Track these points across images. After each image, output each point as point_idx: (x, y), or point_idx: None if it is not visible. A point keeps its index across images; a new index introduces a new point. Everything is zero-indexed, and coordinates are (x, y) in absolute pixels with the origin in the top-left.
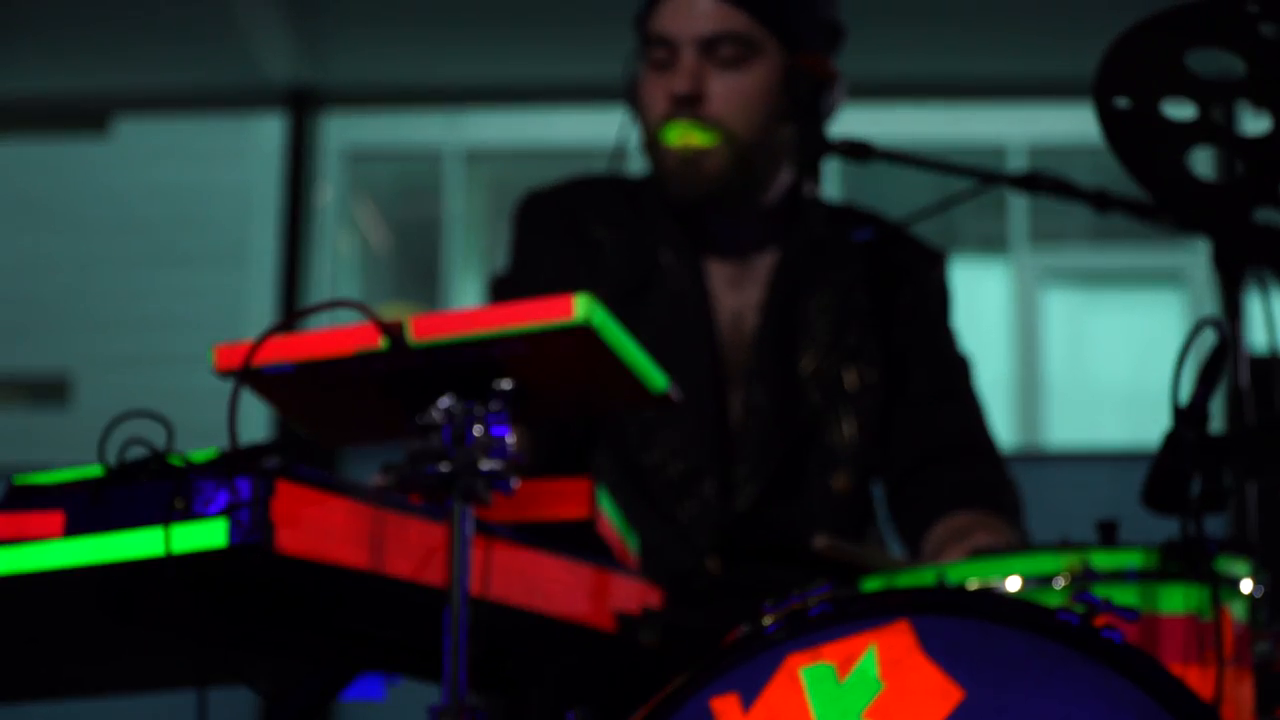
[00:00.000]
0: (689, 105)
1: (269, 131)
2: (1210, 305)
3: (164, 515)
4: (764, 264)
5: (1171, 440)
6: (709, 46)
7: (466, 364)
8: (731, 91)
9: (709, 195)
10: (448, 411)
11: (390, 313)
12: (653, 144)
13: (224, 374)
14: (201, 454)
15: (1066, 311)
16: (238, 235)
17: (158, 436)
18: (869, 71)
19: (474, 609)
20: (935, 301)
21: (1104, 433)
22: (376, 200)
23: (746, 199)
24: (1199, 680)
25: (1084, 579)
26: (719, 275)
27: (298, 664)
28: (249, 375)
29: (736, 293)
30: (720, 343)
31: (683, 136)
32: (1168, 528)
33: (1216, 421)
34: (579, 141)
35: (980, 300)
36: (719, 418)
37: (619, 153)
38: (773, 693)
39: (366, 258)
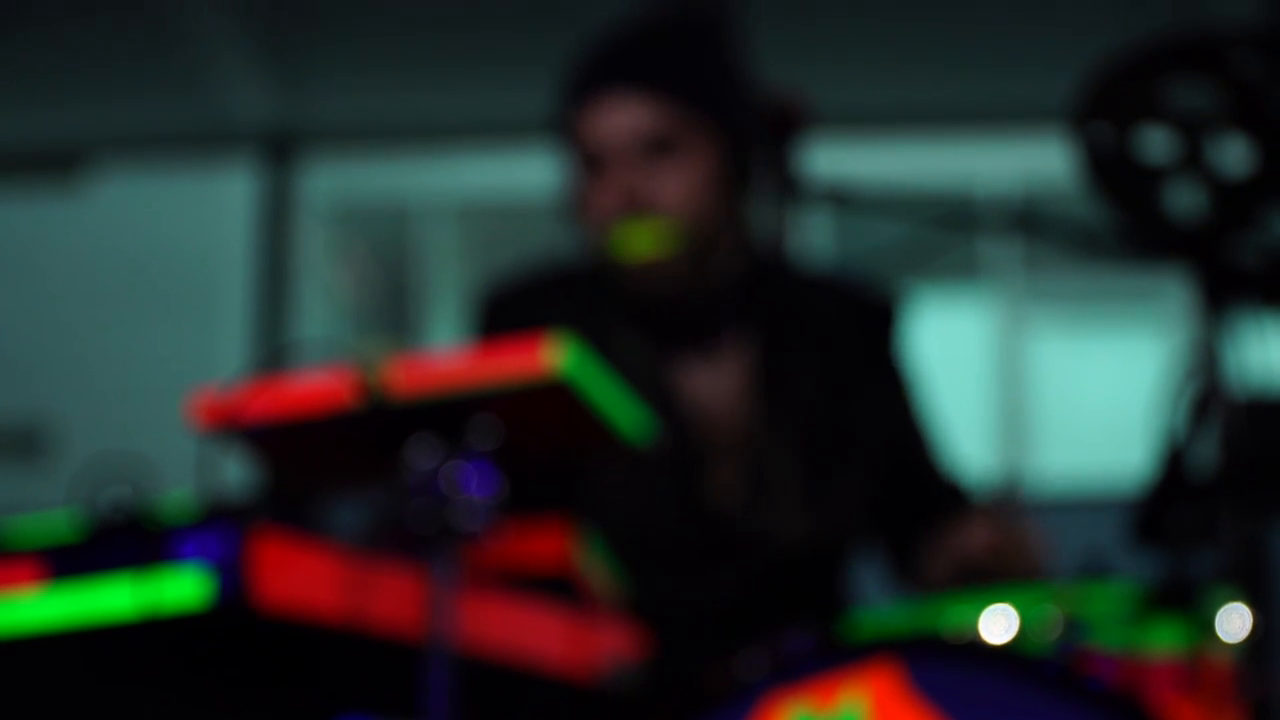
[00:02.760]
0: (633, 208)
1: (243, 177)
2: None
3: (143, 574)
4: (734, 341)
5: (1158, 475)
6: (643, 146)
7: (444, 410)
8: (675, 184)
9: (669, 298)
10: (424, 457)
11: (365, 353)
12: (603, 252)
13: (206, 430)
14: (177, 498)
15: (1055, 339)
16: (210, 280)
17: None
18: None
19: (454, 661)
20: (894, 352)
21: (1093, 464)
22: (357, 247)
23: (708, 287)
24: (1189, 718)
25: (1072, 619)
26: (685, 359)
27: (278, 710)
28: (229, 431)
29: (709, 373)
30: (691, 428)
31: (633, 245)
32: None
33: (1204, 458)
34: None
35: (959, 329)
36: (693, 500)
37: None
38: None
39: (345, 301)
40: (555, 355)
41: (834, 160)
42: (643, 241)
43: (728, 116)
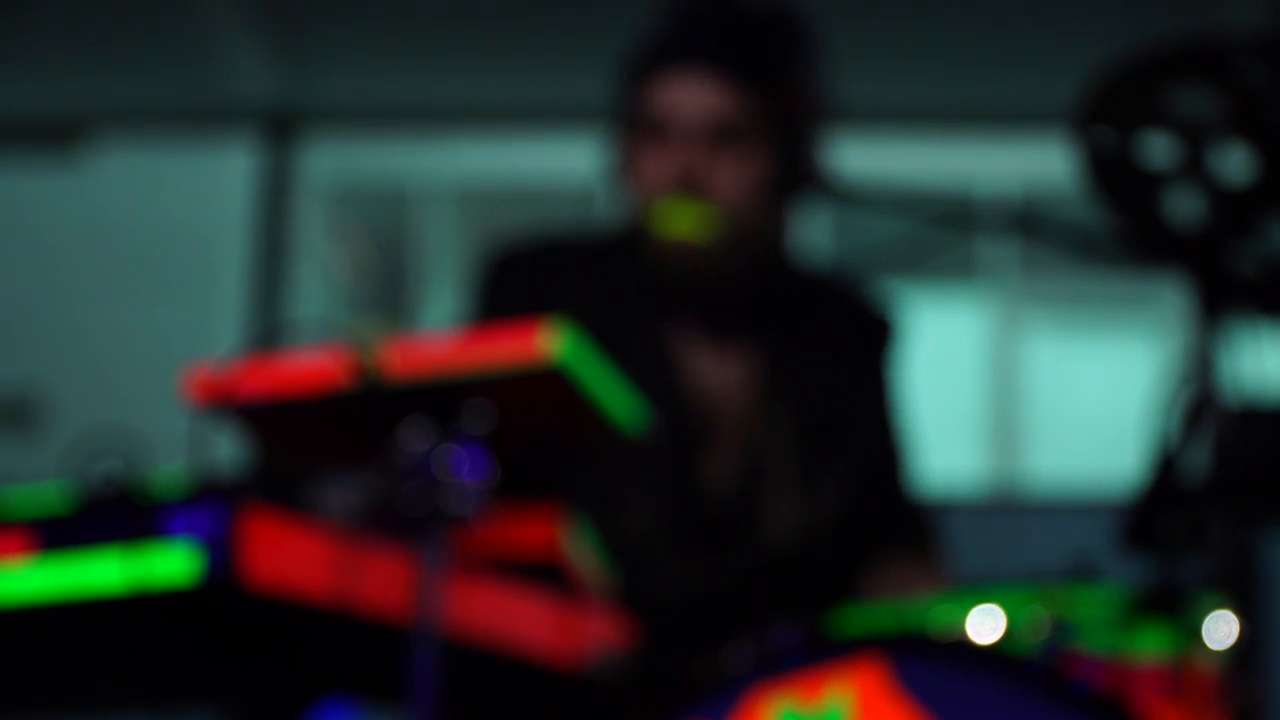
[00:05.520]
0: (685, 187)
1: (243, 154)
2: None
3: (132, 548)
4: (743, 331)
5: (1149, 481)
6: (711, 129)
7: (437, 393)
8: (733, 174)
9: (693, 283)
10: (417, 440)
11: (360, 334)
12: (646, 222)
13: (199, 406)
14: (168, 474)
15: (1051, 341)
16: (207, 257)
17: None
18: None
19: (441, 644)
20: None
21: (1084, 468)
22: (355, 228)
23: (735, 280)
24: None
25: (1060, 621)
26: (695, 341)
27: (264, 686)
28: (223, 408)
29: (714, 360)
30: (691, 412)
31: (676, 223)
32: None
33: (1196, 465)
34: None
35: (954, 329)
36: (689, 486)
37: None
38: None
39: (342, 283)
40: (551, 341)
41: (834, 156)
42: (686, 222)
43: (796, 117)
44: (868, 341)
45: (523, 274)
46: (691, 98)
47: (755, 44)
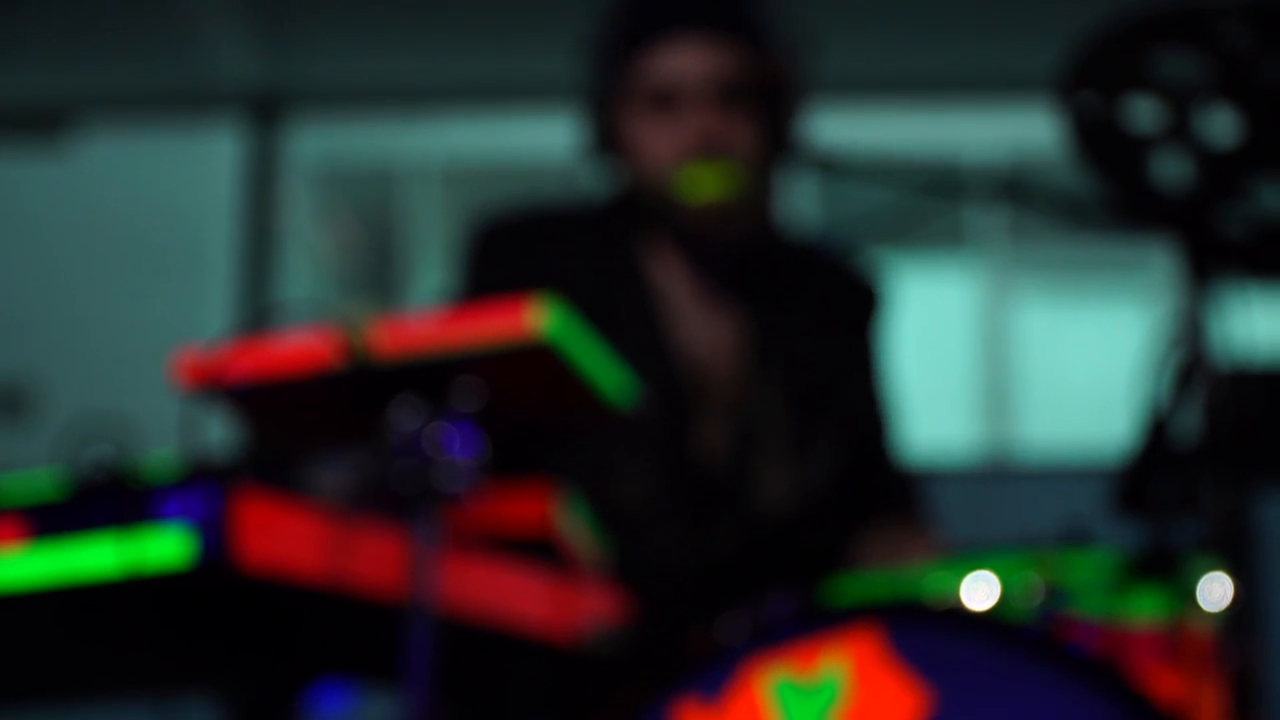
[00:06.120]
0: (706, 150)
1: (229, 138)
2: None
3: (126, 533)
4: (734, 299)
5: (1141, 445)
6: (719, 91)
7: (427, 371)
8: (746, 131)
9: (732, 245)
10: (407, 419)
11: (349, 314)
12: (662, 191)
13: (189, 390)
14: (160, 458)
15: (1040, 307)
16: (195, 241)
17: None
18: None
19: (436, 622)
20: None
21: (1076, 433)
22: (342, 209)
23: (755, 240)
24: (1169, 687)
25: (1054, 587)
26: (685, 310)
27: (260, 668)
28: (213, 391)
29: (705, 328)
30: (683, 380)
31: (702, 186)
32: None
33: (1187, 428)
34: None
35: (944, 297)
36: (681, 456)
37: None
38: (736, 696)
39: (330, 265)
40: (539, 317)
41: (821, 126)
42: (712, 183)
43: (782, 82)
44: (856, 310)
45: (509, 246)
46: (697, 63)
47: (744, 7)
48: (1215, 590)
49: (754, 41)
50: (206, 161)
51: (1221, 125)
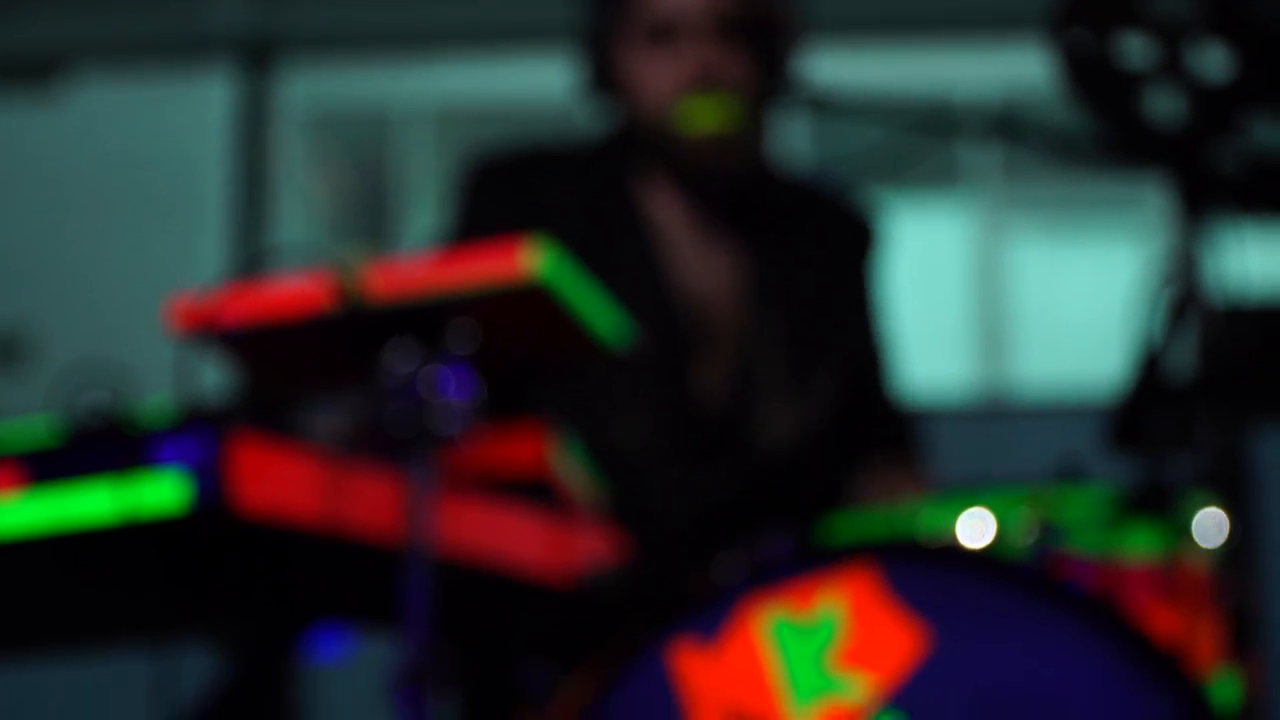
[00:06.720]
0: (706, 82)
1: (221, 83)
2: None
3: (122, 479)
4: (730, 237)
5: (1136, 381)
6: (718, 23)
7: (421, 314)
8: (744, 64)
9: (730, 178)
10: (402, 361)
11: (342, 258)
12: (663, 124)
13: (184, 335)
14: (156, 403)
15: (1034, 245)
16: (188, 187)
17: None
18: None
19: (433, 565)
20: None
21: (1070, 370)
22: (335, 153)
23: (752, 175)
24: (1166, 623)
25: (1049, 524)
26: (682, 247)
27: (258, 613)
28: (208, 336)
29: (702, 266)
30: (681, 318)
31: (703, 118)
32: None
33: (1181, 364)
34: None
35: (938, 236)
36: (681, 395)
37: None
38: (734, 636)
39: (323, 209)
40: (533, 259)
41: (813, 65)
42: (713, 115)
43: (782, 14)
44: (853, 247)
45: (503, 185)
46: None
47: None
48: (1210, 526)
49: None
50: (200, 107)
51: (1213, 61)
